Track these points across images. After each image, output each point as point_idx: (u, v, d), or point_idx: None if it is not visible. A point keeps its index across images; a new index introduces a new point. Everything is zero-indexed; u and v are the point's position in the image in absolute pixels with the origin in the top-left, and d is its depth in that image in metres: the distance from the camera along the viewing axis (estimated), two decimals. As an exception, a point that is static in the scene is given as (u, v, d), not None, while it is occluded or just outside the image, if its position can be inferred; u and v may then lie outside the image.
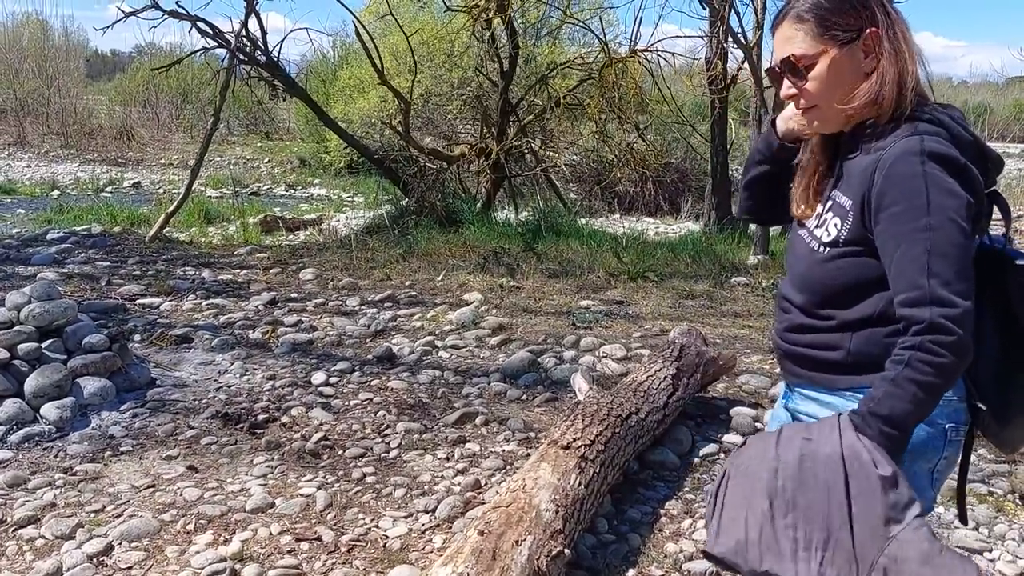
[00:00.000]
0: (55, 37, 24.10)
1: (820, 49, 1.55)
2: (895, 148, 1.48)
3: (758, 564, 1.47)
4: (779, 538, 1.46)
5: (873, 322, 1.55)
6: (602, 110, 9.65)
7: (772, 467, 1.49)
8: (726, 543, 1.52)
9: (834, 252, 1.58)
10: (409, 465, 3.58)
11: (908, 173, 1.44)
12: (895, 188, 1.45)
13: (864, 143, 1.57)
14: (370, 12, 12.07)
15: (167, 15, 8.69)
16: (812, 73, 1.56)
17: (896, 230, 1.45)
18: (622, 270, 7.46)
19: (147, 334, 5.18)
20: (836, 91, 1.56)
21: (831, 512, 1.42)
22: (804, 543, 1.44)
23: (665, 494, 3.40)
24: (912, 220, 1.43)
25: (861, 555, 1.39)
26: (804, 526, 1.44)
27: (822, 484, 1.43)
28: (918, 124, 1.50)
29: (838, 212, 1.58)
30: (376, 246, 8.44)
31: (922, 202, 1.42)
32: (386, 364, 4.86)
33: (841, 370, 1.60)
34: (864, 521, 1.40)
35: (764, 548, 1.47)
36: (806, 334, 1.66)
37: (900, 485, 1.40)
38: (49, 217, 10.23)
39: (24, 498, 3.17)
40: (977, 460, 3.72)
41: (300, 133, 20.42)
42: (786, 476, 1.47)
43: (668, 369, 3.91)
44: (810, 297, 1.64)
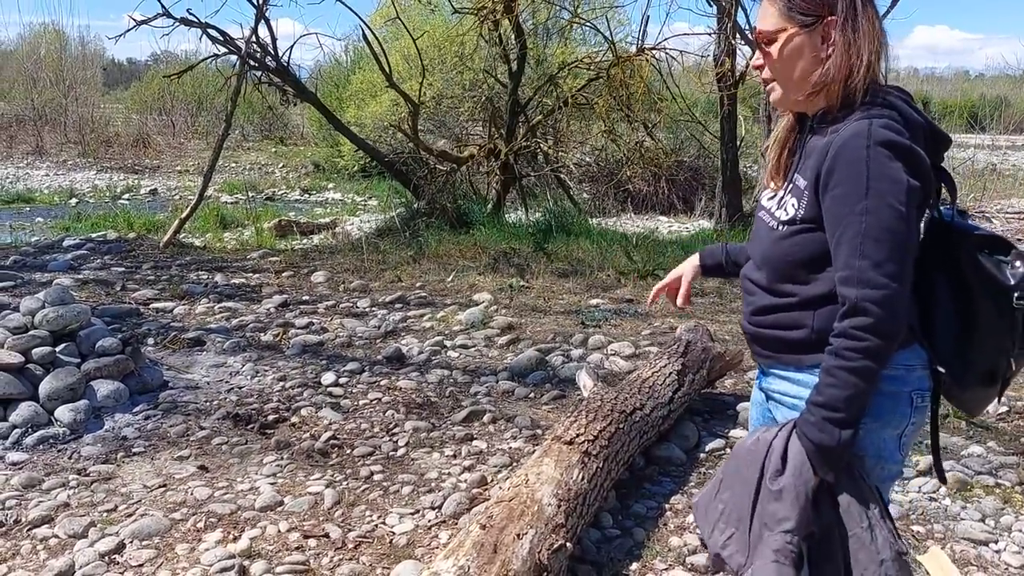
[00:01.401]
0: (72, 47, 24.42)
1: (781, 27, 1.63)
2: (845, 132, 1.54)
3: (697, 521, 1.79)
4: (711, 508, 1.72)
5: (832, 298, 1.58)
6: (611, 109, 9.66)
7: (735, 452, 1.75)
8: (696, 498, 1.84)
9: (791, 229, 1.64)
10: (416, 463, 3.61)
11: (852, 157, 1.50)
12: (839, 170, 1.52)
13: (822, 127, 1.64)
14: (380, 16, 12.12)
15: (178, 22, 8.77)
16: (771, 48, 1.65)
17: (837, 211, 1.52)
18: (632, 268, 7.47)
19: (160, 337, 5.25)
20: (789, 70, 1.65)
21: (744, 502, 1.65)
22: (724, 518, 1.69)
23: (671, 489, 3.41)
24: (851, 203, 1.50)
25: (753, 542, 1.62)
26: (730, 505, 1.69)
27: (745, 478, 1.66)
28: (871, 109, 1.56)
29: (795, 193, 1.65)
30: (387, 248, 8.49)
31: (861, 186, 1.49)
32: (395, 364, 4.90)
33: (807, 348, 1.65)
34: (758, 518, 1.62)
35: (703, 511, 1.75)
36: (770, 314, 1.71)
37: (784, 499, 1.57)
38: (67, 225, 10.35)
39: (38, 499, 3.23)
40: (985, 452, 3.72)
41: (314, 138, 20.52)
42: (735, 463, 1.71)
43: (673, 365, 3.93)
44: (770, 274, 1.70)
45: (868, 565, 1.54)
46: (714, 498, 1.71)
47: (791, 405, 1.70)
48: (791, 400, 1.71)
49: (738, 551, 1.62)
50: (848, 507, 1.57)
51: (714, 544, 1.67)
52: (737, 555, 1.62)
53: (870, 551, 1.54)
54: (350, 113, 13.87)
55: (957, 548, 2.98)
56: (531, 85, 10.61)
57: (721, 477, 1.72)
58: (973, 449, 3.75)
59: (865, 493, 1.59)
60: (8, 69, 24.34)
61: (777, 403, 1.77)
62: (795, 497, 1.55)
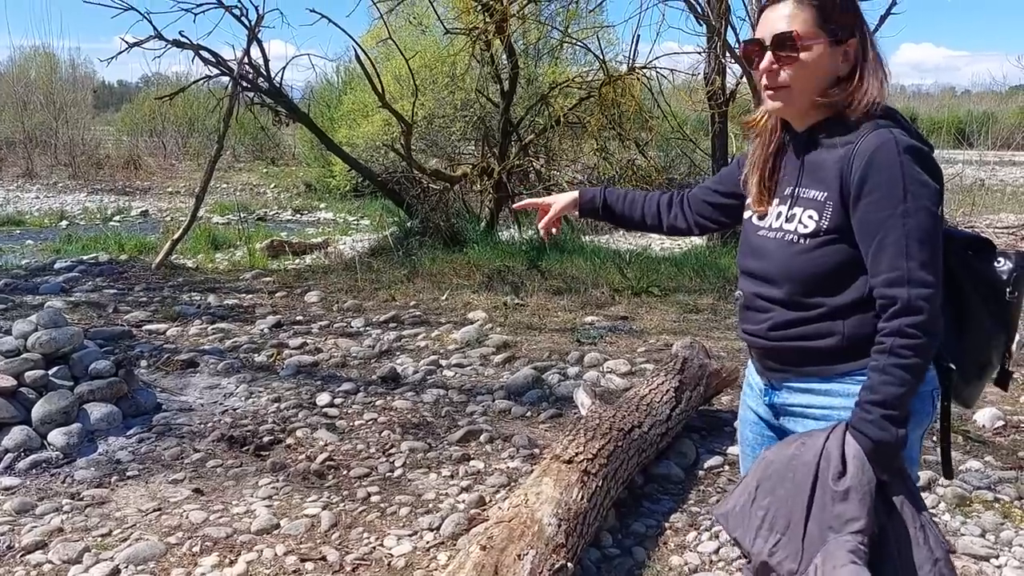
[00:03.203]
0: (62, 69, 24.34)
1: (818, 37, 1.64)
2: (868, 141, 1.58)
3: (732, 530, 1.71)
4: (752, 514, 1.67)
5: (862, 305, 1.63)
6: (603, 127, 9.70)
7: (771, 458, 1.70)
8: (722, 509, 1.77)
9: (816, 241, 1.66)
10: (413, 484, 3.59)
11: (886, 163, 1.55)
12: (873, 177, 1.55)
13: (827, 140, 1.67)
14: (372, 37, 12.16)
15: (170, 45, 8.79)
16: (804, 55, 1.64)
17: (875, 216, 1.56)
18: (626, 286, 7.48)
19: (153, 359, 5.22)
20: (811, 79, 1.66)
21: (795, 507, 1.61)
22: (768, 524, 1.64)
23: (670, 507, 3.40)
24: (891, 207, 1.54)
25: (807, 548, 1.58)
26: (773, 511, 1.64)
27: (796, 482, 1.62)
28: (878, 121, 1.61)
29: (811, 205, 1.67)
30: (381, 268, 8.48)
31: (899, 190, 1.54)
32: (390, 384, 4.87)
33: (838, 356, 1.67)
34: (816, 522, 1.58)
35: (739, 519, 1.69)
36: (795, 327, 1.71)
37: (850, 500, 1.55)
38: (57, 247, 10.30)
39: (32, 524, 3.20)
40: (983, 467, 3.72)
41: (306, 158, 20.51)
42: (775, 468, 1.67)
43: (671, 382, 3.92)
44: (794, 287, 1.69)
45: (923, 564, 1.57)
46: (751, 505, 1.67)
47: (820, 416, 1.71)
48: (819, 411, 1.71)
49: (788, 557, 1.59)
50: (902, 507, 1.59)
51: (759, 551, 1.62)
52: (787, 561, 1.59)
53: (924, 551, 1.57)
54: (342, 133, 13.87)
55: (958, 564, 2.96)
56: (523, 104, 10.65)
57: (756, 484, 1.68)
58: (971, 464, 3.75)
59: (916, 493, 1.63)
60: (-2, 92, 24.29)
61: (798, 417, 1.77)
62: (861, 497, 1.54)
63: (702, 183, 2.14)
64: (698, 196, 2.10)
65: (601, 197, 2.20)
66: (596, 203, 2.20)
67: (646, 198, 2.18)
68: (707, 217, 2.08)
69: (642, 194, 2.20)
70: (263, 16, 8.92)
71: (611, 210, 2.19)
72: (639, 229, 2.28)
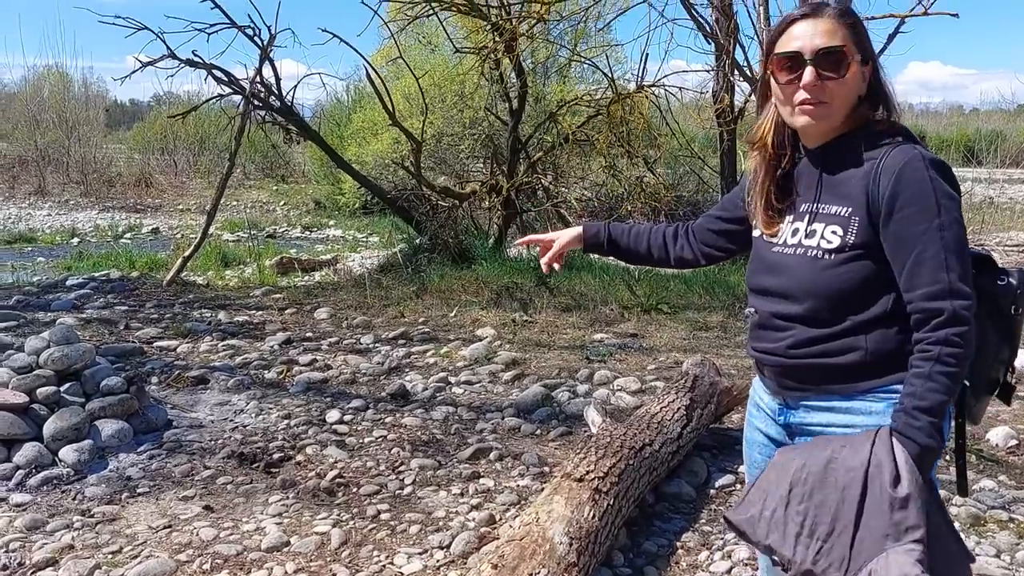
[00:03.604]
0: (75, 88, 24.58)
1: (855, 54, 1.66)
2: (894, 157, 1.60)
3: (763, 537, 1.63)
4: (788, 520, 1.60)
5: (884, 321, 1.64)
6: (611, 145, 9.73)
7: (802, 461, 1.63)
8: (743, 514, 1.68)
9: (842, 257, 1.65)
10: (423, 501, 3.58)
11: (917, 178, 1.57)
12: (905, 193, 1.57)
13: (846, 156, 1.69)
14: (382, 56, 12.27)
15: (183, 64, 8.87)
16: (847, 72, 1.65)
17: (911, 231, 1.57)
18: (635, 303, 7.47)
19: (164, 376, 5.23)
20: (850, 97, 1.68)
21: (840, 513, 1.55)
22: (808, 530, 1.58)
23: (681, 526, 3.38)
24: (927, 221, 1.56)
25: (855, 556, 1.52)
26: (813, 516, 1.58)
27: (840, 487, 1.56)
28: (897, 138, 1.64)
29: (834, 221, 1.67)
30: (390, 284, 8.49)
31: (932, 204, 1.56)
32: (400, 401, 4.87)
33: (861, 373, 1.67)
34: (867, 528, 1.52)
35: (772, 526, 1.62)
36: (817, 344, 1.70)
37: (910, 507, 1.50)
38: (69, 264, 10.37)
39: (43, 540, 3.20)
40: (997, 486, 3.69)
41: (315, 176, 20.62)
42: (810, 471, 1.61)
43: (682, 400, 3.91)
44: (817, 304, 1.68)
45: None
46: (784, 511, 1.61)
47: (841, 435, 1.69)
48: (839, 429, 1.70)
49: (832, 565, 1.54)
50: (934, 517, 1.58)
51: (802, 559, 1.57)
52: (832, 569, 1.55)
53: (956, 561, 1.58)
54: (351, 151, 13.96)
55: (973, 584, 2.94)
56: (531, 122, 10.70)
57: (788, 488, 1.62)
58: (985, 483, 3.72)
59: (942, 503, 1.63)
60: (12, 111, 24.51)
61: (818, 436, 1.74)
62: (920, 505, 1.52)
63: (705, 212, 2.13)
64: (703, 226, 2.09)
65: (606, 232, 2.19)
66: (601, 238, 2.20)
67: (651, 231, 2.17)
68: (712, 246, 2.08)
69: (647, 227, 2.19)
70: (275, 36, 9.00)
71: (616, 244, 2.19)
72: (646, 263, 2.27)
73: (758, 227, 1.84)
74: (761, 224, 1.82)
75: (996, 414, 4.48)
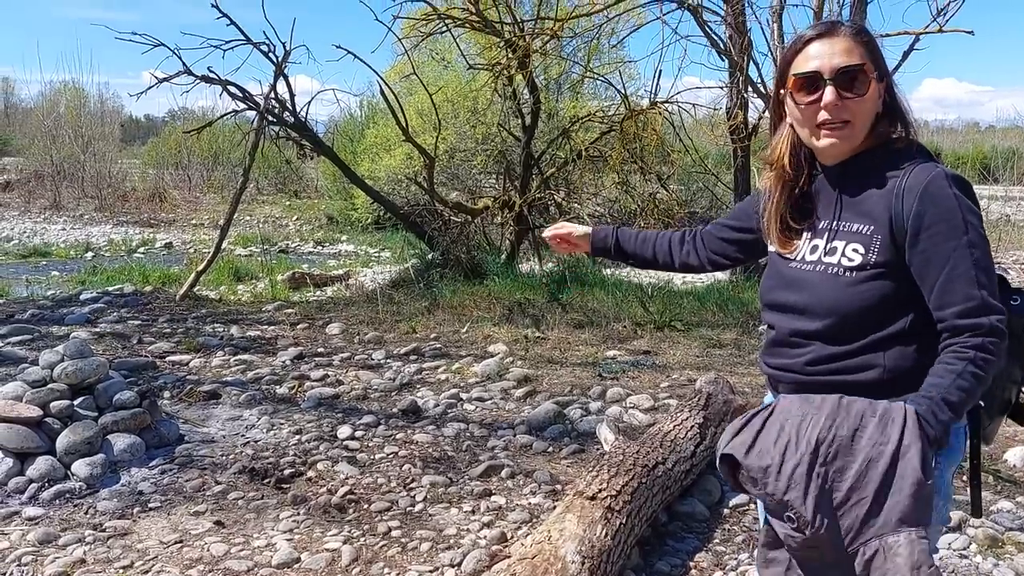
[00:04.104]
0: (91, 104, 24.89)
1: (873, 72, 1.65)
2: (917, 175, 1.60)
3: (781, 492, 1.55)
4: (810, 479, 1.53)
5: (903, 339, 1.64)
6: (624, 161, 9.73)
7: (830, 420, 1.57)
8: (757, 462, 1.60)
9: (864, 275, 1.64)
10: (435, 519, 3.56)
11: (942, 196, 1.56)
12: (931, 212, 1.57)
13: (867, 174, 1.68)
14: (396, 72, 12.34)
15: (199, 80, 8.94)
16: (867, 91, 1.65)
17: (939, 249, 1.56)
18: (648, 320, 7.44)
19: (176, 390, 5.24)
20: (870, 116, 1.67)
21: (860, 484, 1.51)
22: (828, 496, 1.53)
23: (695, 546, 3.34)
24: (955, 238, 1.55)
25: (864, 528, 1.49)
26: (833, 479, 1.53)
27: (866, 458, 1.52)
28: (917, 156, 1.64)
29: (855, 239, 1.66)
30: (402, 300, 8.50)
31: (959, 222, 1.55)
32: (411, 417, 4.86)
33: (878, 390, 1.65)
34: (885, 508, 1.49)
35: (793, 482, 1.54)
36: (836, 361, 1.69)
37: (929, 495, 1.50)
38: (83, 278, 10.44)
39: (55, 555, 3.19)
40: (1015, 507, 3.64)
41: (328, 191, 20.75)
42: (838, 433, 1.56)
43: (695, 418, 3.88)
44: (838, 321, 1.67)
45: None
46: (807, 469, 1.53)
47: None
48: None
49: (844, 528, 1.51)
50: None
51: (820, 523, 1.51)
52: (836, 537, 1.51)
53: None
54: (364, 166, 14.03)
55: (992, 607, 2.90)
56: (544, 138, 10.73)
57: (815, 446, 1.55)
58: (1002, 504, 3.67)
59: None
60: (28, 125, 24.81)
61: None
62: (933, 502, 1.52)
63: (715, 220, 2.14)
64: (712, 233, 2.10)
65: (613, 237, 2.22)
66: (608, 243, 2.23)
67: (658, 236, 2.19)
68: (720, 253, 2.09)
69: (655, 233, 2.21)
70: (290, 52, 9.07)
71: (622, 249, 2.21)
72: (651, 267, 2.29)
73: (773, 244, 1.83)
74: (776, 243, 1.82)
75: (1013, 434, 4.43)
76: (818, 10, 7.73)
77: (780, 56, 1.79)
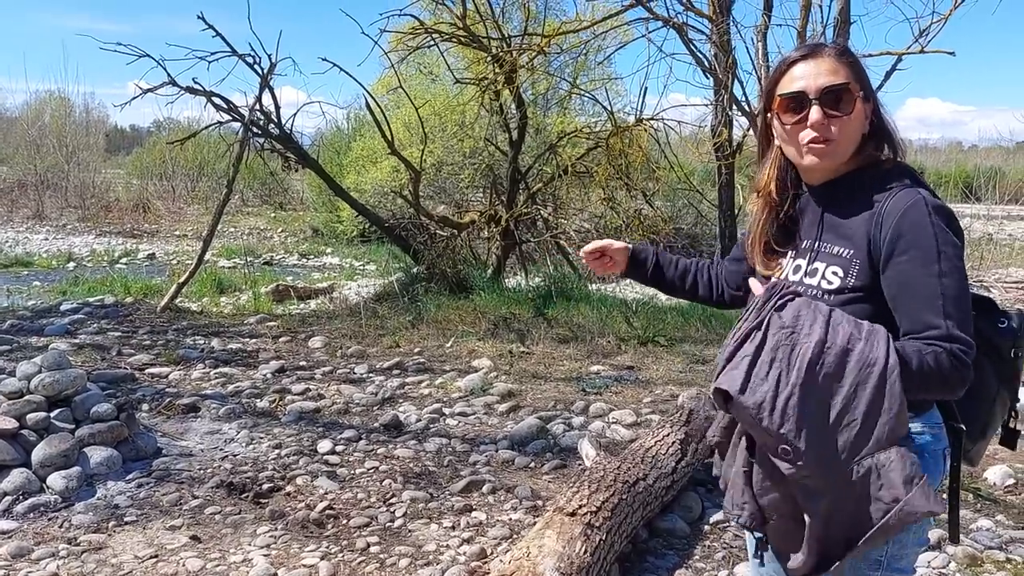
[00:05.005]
0: (76, 114, 24.76)
1: (858, 92, 1.65)
2: (898, 201, 1.59)
3: (776, 427, 1.50)
4: (803, 410, 1.49)
5: None
6: (610, 177, 9.76)
7: (821, 344, 1.52)
8: (753, 396, 1.53)
9: (841, 299, 1.64)
10: (414, 534, 3.53)
11: (919, 223, 1.55)
12: (907, 237, 1.55)
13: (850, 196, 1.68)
14: (383, 85, 12.35)
15: (183, 91, 8.91)
16: (853, 109, 1.65)
17: (910, 275, 1.55)
18: (632, 335, 7.44)
19: (155, 403, 5.19)
20: (856, 136, 1.67)
21: (850, 406, 1.49)
22: (817, 419, 1.50)
23: (675, 562, 3.33)
24: (926, 267, 1.53)
25: (855, 449, 1.49)
26: (821, 405, 1.50)
27: (854, 382, 1.50)
28: (903, 179, 1.63)
29: (835, 262, 1.66)
30: (386, 314, 8.46)
31: (933, 252, 1.53)
32: (393, 432, 4.83)
33: None
34: (876, 424, 1.48)
35: (786, 416, 1.50)
36: None
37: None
38: (64, 289, 10.34)
39: (27, 569, 3.15)
40: (994, 526, 3.65)
41: (313, 203, 20.70)
42: (827, 360, 1.51)
43: (676, 434, 3.88)
44: None
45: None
46: (798, 399, 1.50)
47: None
48: None
49: (825, 455, 1.49)
50: None
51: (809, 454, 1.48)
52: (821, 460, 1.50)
53: None
54: (350, 179, 14.01)
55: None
56: (531, 153, 10.74)
57: (805, 372, 1.51)
58: (982, 523, 3.68)
59: None
60: (12, 135, 24.64)
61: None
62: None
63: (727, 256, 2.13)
64: (726, 267, 2.11)
65: (653, 259, 2.16)
66: (648, 265, 2.16)
67: (697, 267, 2.16)
68: (734, 287, 2.09)
69: (693, 262, 2.17)
70: (276, 64, 9.05)
71: (662, 273, 2.16)
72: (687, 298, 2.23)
73: (757, 266, 1.84)
74: (760, 265, 1.82)
75: (994, 452, 4.45)
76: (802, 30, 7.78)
77: (766, 79, 1.79)
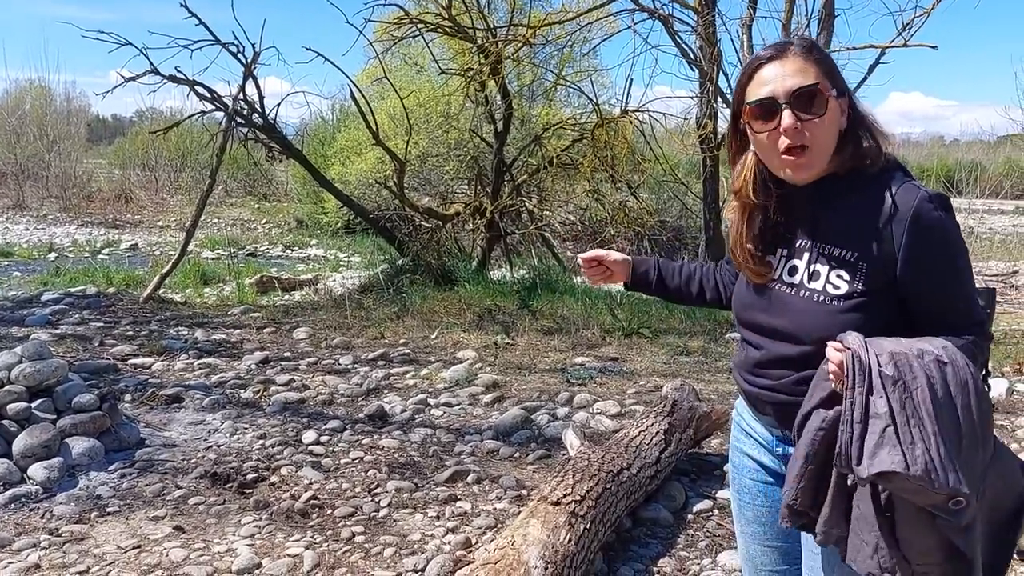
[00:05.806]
0: (57, 102, 24.50)
1: (830, 90, 1.58)
2: (903, 201, 1.55)
3: (947, 484, 1.36)
4: (954, 455, 1.38)
5: None
6: (595, 169, 9.76)
7: (927, 381, 1.42)
8: (916, 466, 1.36)
9: (850, 303, 1.58)
10: (399, 524, 3.53)
11: (931, 223, 1.53)
12: (928, 237, 1.54)
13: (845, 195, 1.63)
14: (368, 76, 12.28)
15: (166, 79, 8.84)
16: (826, 111, 1.57)
17: (937, 275, 1.55)
18: (616, 327, 7.46)
19: (138, 394, 5.16)
20: (831, 135, 1.59)
21: (972, 426, 1.43)
22: (966, 454, 1.42)
23: (658, 551, 3.35)
24: (952, 263, 1.56)
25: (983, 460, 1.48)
26: (957, 435, 1.42)
27: (962, 403, 1.43)
28: (896, 173, 1.60)
29: (840, 265, 1.60)
30: (371, 305, 8.45)
31: (952, 248, 1.56)
32: (377, 423, 4.83)
33: None
34: (991, 432, 1.50)
35: (947, 467, 1.36)
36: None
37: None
38: (45, 279, 10.25)
39: (8, 560, 3.13)
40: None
41: (298, 194, 20.60)
42: (940, 395, 1.41)
43: (660, 424, 3.89)
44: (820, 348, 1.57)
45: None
46: (943, 447, 1.38)
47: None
48: None
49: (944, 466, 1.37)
50: None
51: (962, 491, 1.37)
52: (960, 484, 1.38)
53: None
54: (335, 170, 13.94)
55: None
56: (516, 145, 10.73)
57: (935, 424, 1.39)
58: None
59: None
60: (-8, 124, 24.38)
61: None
62: None
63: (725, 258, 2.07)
64: (729, 270, 2.04)
65: (655, 271, 2.10)
66: (650, 277, 2.11)
67: (702, 271, 2.10)
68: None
69: (695, 266, 2.11)
70: (259, 53, 8.98)
71: (665, 285, 2.10)
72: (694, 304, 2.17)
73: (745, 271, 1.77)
74: (749, 272, 1.76)
75: None
76: (787, 22, 7.82)
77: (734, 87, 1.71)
